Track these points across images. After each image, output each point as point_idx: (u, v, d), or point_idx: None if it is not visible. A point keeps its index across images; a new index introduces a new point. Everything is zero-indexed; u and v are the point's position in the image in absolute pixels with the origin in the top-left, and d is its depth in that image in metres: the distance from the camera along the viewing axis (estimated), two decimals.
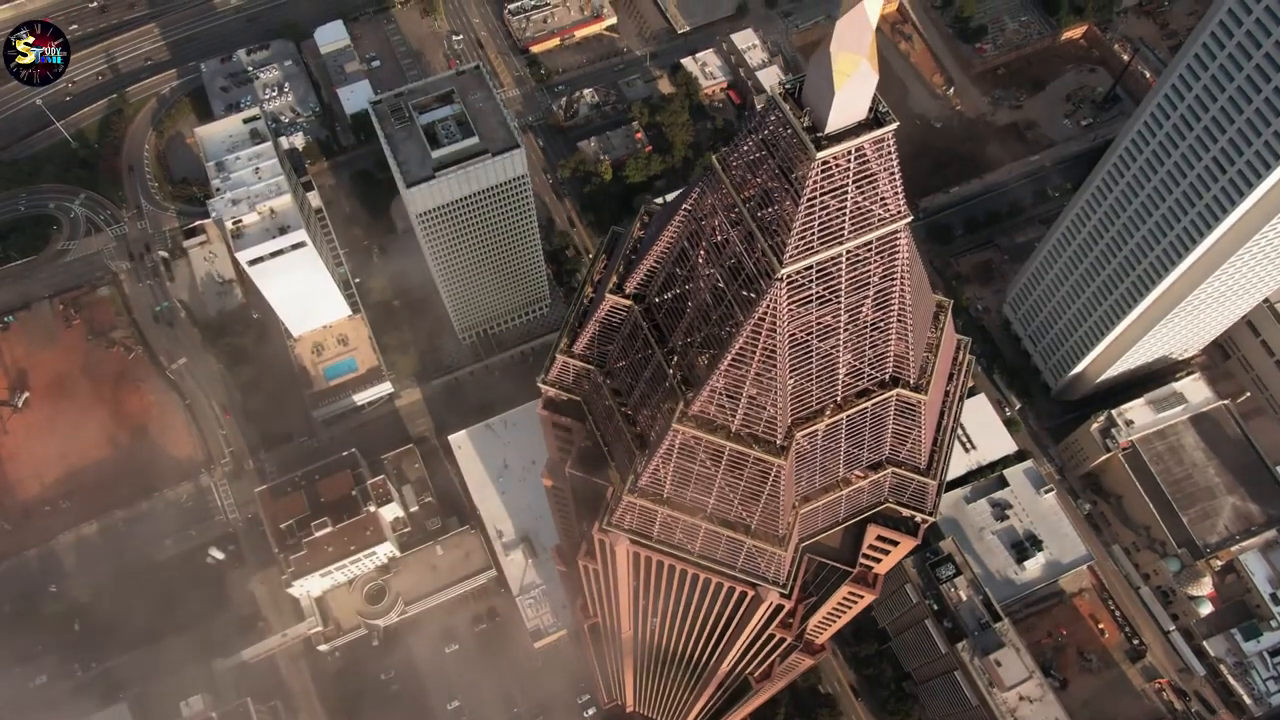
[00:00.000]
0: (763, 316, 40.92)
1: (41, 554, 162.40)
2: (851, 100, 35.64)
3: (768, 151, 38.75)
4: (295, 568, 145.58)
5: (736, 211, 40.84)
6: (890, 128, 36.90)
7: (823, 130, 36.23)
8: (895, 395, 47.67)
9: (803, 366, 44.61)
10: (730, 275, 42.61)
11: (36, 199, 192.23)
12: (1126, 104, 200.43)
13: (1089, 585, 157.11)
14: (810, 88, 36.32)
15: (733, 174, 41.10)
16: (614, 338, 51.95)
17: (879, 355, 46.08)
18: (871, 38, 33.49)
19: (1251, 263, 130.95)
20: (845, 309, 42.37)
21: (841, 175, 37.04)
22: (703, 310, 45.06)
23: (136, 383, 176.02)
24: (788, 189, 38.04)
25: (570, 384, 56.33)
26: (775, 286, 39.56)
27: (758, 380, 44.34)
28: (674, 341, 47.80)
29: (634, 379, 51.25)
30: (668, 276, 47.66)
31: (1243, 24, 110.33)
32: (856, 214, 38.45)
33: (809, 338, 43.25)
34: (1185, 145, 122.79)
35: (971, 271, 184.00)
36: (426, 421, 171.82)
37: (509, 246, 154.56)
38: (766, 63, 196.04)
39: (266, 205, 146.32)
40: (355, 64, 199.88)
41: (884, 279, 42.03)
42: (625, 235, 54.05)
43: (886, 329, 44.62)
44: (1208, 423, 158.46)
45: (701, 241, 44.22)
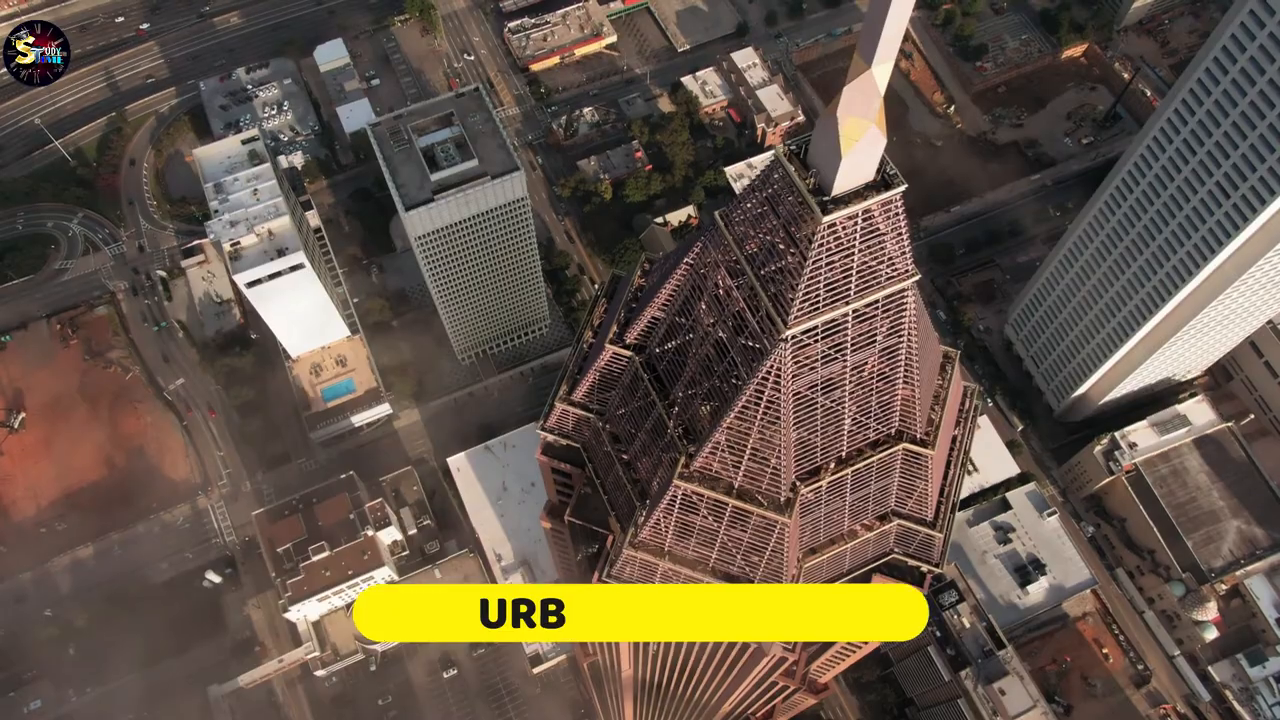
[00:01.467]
0: (766, 375, 40.00)
1: (37, 577, 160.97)
2: (859, 164, 34.76)
3: (771, 210, 37.88)
4: (292, 592, 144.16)
5: (739, 268, 39.95)
6: (898, 190, 36.00)
7: (829, 193, 35.35)
8: (901, 449, 46.74)
9: (807, 422, 43.68)
10: (733, 332, 41.69)
11: (34, 218, 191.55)
12: (1127, 122, 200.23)
13: (1093, 609, 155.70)
14: (816, 150, 35.42)
15: (736, 230, 40.23)
16: (614, 387, 50.97)
17: (885, 410, 45.14)
18: (879, 103, 32.57)
19: (1256, 286, 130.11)
20: (851, 365, 41.47)
21: (848, 237, 36.18)
22: (705, 364, 44.12)
23: (133, 403, 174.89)
24: (792, 248, 37.17)
25: (570, 430, 55.32)
26: (780, 347, 38.63)
27: (761, 436, 43.41)
28: (675, 394, 46.85)
29: (634, 428, 50.29)
30: (669, 328, 46.74)
31: (1246, 50, 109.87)
32: (863, 274, 37.58)
33: (814, 394, 42.32)
34: (1189, 169, 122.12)
35: (973, 291, 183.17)
36: (425, 443, 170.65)
37: (509, 268, 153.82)
38: (767, 81, 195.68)
39: (265, 227, 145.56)
40: (355, 82, 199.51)
41: (890, 336, 41.14)
42: (626, 280, 53.09)
43: (893, 384, 43.70)
44: (1212, 445, 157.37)
45: (704, 295, 43.30)
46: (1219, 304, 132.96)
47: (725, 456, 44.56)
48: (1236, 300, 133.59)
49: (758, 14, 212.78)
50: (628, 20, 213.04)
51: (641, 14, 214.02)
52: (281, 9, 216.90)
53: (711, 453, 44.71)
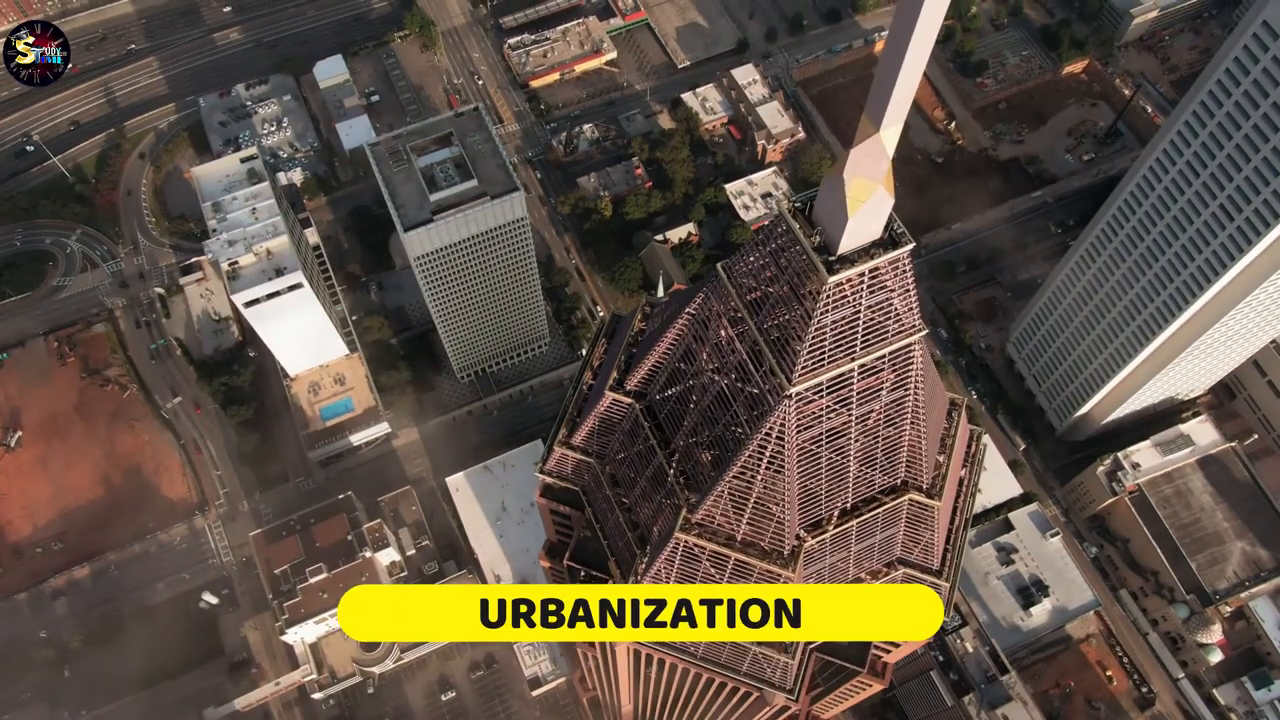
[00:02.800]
0: (770, 430, 39.14)
1: (32, 597, 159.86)
2: (866, 224, 33.98)
3: (775, 265, 37.10)
4: (290, 615, 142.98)
5: (742, 321, 39.15)
6: (906, 249, 35.22)
7: (834, 252, 34.57)
8: (907, 500, 45.88)
9: (812, 474, 42.82)
10: (737, 384, 40.89)
11: (32, 234, 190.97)
12: (1128, 139, 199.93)
13: (1096, 631, 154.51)
14: (822, 208, 34.66)
15: (739, 282, 39.44)
16: (614, 432, 50.10)
17: (891, 460, 44.29)
18: (888, 166, 31.80)
19: (1260, 308, 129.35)
20: (856, 419, 40.64)
21: (854, 295, 35.40)
22: (707, 414, 43.30)
23: (130, 422, 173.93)
24: (797, 305, 36.35)
25: (569, 474, 54.41)
26: (784, 403, 37.80)
27: (765, 489, 42.55)
28: (677, 442, 45.97)
29: (635, 474, 49.42)
30: (671, 375, 45.91)
31: (1250, 73, 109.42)
32: (869, 330, 36.78)
33: (818, 447, 41.45)
34: (1192, 191, 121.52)
35: (974, 309, 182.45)
36: (424, 462, 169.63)
37: (508, 287, 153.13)
38: (767, 98, 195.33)
39: (263, 246, 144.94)
40: (354, 99, 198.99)
41: (896, 389, 40.33)
42: (626, 321, 52.27)
43: (899, 435, 42.86)
44: (1215, 466, 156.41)
45: (706, 345, 42.47)
46: (1223, 325, 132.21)
47: (727, 508, 43.71)
48: (1240, 321, 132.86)
49: (758, 30, 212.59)
50: (628, 37, 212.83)
51: (641, 30, 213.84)
52: (282, 25, 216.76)
53: (714, 504, 43.86)
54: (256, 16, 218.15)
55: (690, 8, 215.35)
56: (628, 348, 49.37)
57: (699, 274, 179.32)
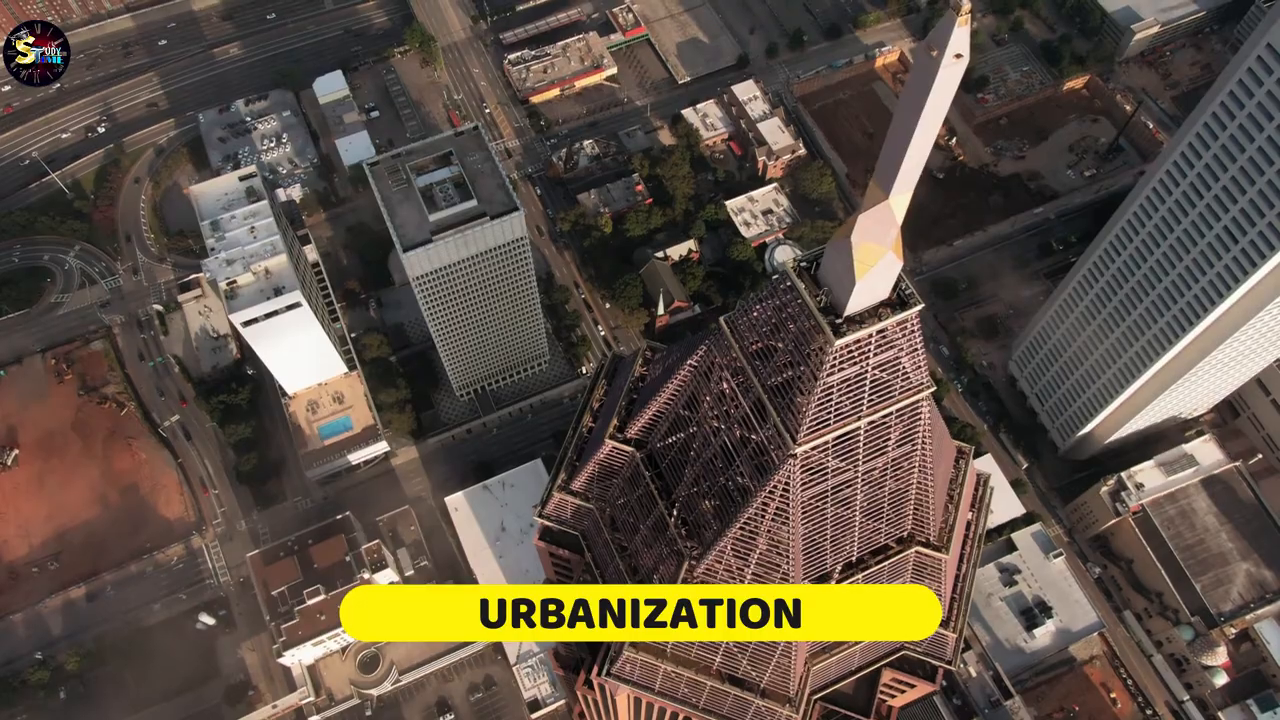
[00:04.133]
0: (775, 487, 38.22)
1: (28, 618, 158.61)
2: (874, 287, 33.13)
3: (780, 321, 36.24)
4: (287, 637, 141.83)
5: (746, 377, 38.28)
6: (915, 310, 34.34)
7: (841, 313, 33.71)
8: (914, 553, 44.94)
9: (816, 529, 41.88)
10: (740, 441, 39.97)
11: (31, 250, 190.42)
12: (1130, 154, 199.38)
13: (1100, 653, 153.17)
14: (829, 270, 33.82)
15: (742, 338, 38.56)
16: (614, 478, 49.16)
17: (897, 513, 43.37)
18: (897, 232, 30.98)
19: (1265, 329, 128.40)
20: (863, 474, 39.70)
21: (862, 356, 34.52)
22: (710, 467, 42.35)
23: (128, 440, 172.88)
24: (802, 362, 35.48)
25: (568, 519, 53.44)
26: (789, 462, 36.89)
27: (768, 544, 41.59)
28: (678, 492, 45.02)
29: (635, 521, 48.50)
30: (673, 424, 44.99)
31: (1254, 96, 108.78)
32: (877, 389, 35.95)
33: (823, 503, 40.51)
34: (1195, 213, 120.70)
35: (976, 326, 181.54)
36: (423, 481, 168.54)
37: (508, 306, 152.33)
38: (768, 114, 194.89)
39: (261, 265, 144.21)
40: (354, 114, 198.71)
41: (903, 444, 39.40)
42: (627, 363, 51.38)
43: (906, 489, 41.96)
44: (1219, 486, 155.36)
45: (708, 399, 41.58)
46: (1228, 346, 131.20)
47: (731, 562, 42.82)
48: (1245, 342, 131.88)
49: (758, 46, 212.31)
50: (628, 52, 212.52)
51: (642, 46, 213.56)
52: (281, 41, 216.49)
53: (716, 558, 42.96)
54: (257, 32, 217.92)
55: (691, 23, 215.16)
56: (628, 393, 48.44)
57: (699, 291, 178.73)
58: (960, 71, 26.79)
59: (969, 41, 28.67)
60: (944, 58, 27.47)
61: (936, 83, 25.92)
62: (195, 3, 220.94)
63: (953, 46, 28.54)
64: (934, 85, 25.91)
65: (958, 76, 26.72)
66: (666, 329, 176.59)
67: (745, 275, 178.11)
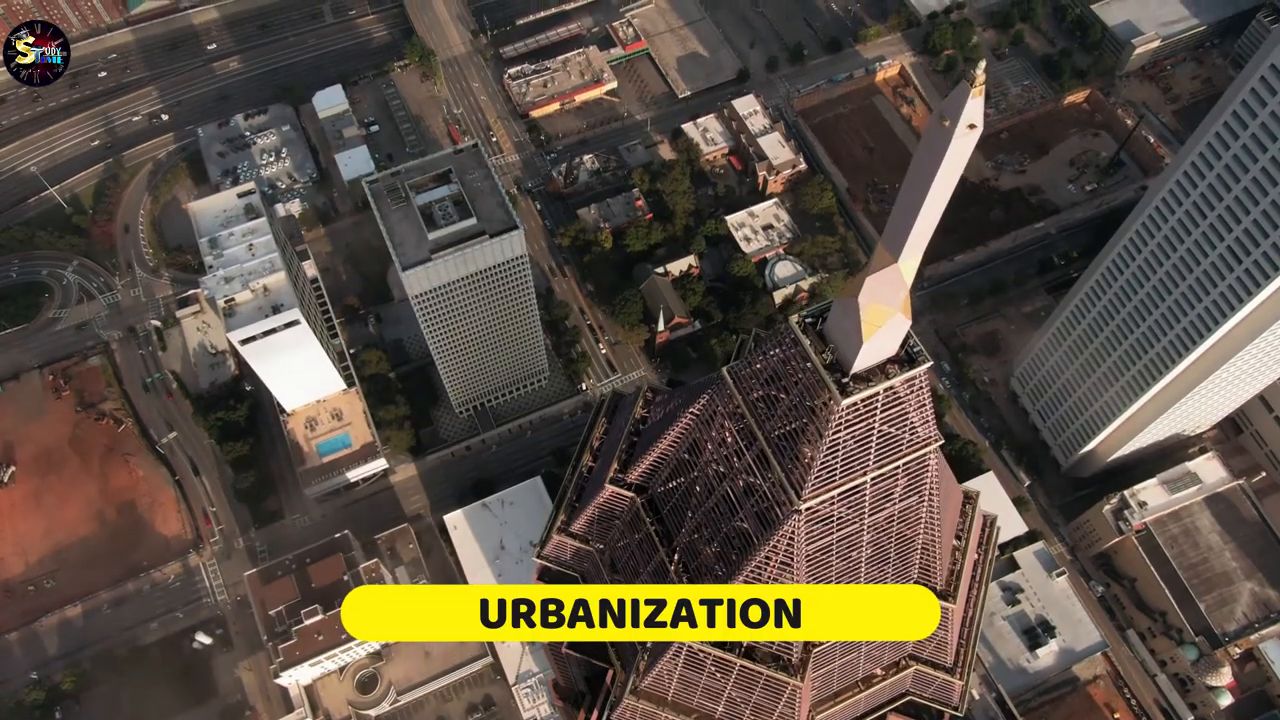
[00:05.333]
0: (778, 542, 37.42)
1: (23, 637, 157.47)
2: (881, 346, 32.40)
3: (784, 375, 35.49)
4: (284, 657, 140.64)
5: (749, 430, 37.52)
6: (923, 368, 33.60)
7: (847, 371, 32.96)
8: None
9: (822, 580, 41.05)
10: (744, 492, 39.20)
11: (29, 266, 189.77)
12: (1131, 169, 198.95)
13: (1104, 672, 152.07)
14: (835, 328, 33.10)
15: (745, 389, 37.81)
16: (614, 522, 48.35)
17: (904, 563, 42.56)
18: (906, 293, 30.25)
19: (1269, 348, 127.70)
20: (868, 526, 38.91)
21: (868, 413, 33.76)
22: (712, 516, 41.53)
23: (125, 456, 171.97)
24: (807, 419, 34.72)
25: (567, 560, 52.63)
26: (793, 518, 36.11)
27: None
28: (680, 539, 44.21)
29: (635, 566, 47.63)
30: (674, 469, 44.21)
31: (1258, 116, 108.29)
32: (883, 444, 35.20)
33: (829, 555, 39.72)
34: (1199, 233, 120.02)
35: (977, 342, 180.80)
36: (422, 498, 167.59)
37: (507, 324, 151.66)
38: (768, 128, 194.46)
39: (260, 283, 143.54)
40: (354, 129, 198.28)
41: (910, 496, 38.62)
42: (627, 404, 50.61)
43: (912, 539, 41.15)
44: (1223, 504, 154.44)
45: (709, 448, 40.80)
46: (1232, 364, 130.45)
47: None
48: (1249, 360, 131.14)
49: (759, 60, 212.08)
50: (628, 66, 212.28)
51: (642, 60, 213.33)
52: (281, 55, 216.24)
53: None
54: (257, 46, 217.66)
55: (691, 38, 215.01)
56: (629, 435, 47.67)
57: (700, 307, 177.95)
58: (973, 141, 26.09)
59: (983, 111, 27.95)
60: (957, 128, 26.80)
61: (949, 153, 25.28)
62: (195, 17, 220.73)
63: (966, 117, 27.90)
64: (946, 156, 25.28)
65: (970, 146, 26.03)
66: (667, 345, 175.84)
67: (746, 291, 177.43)
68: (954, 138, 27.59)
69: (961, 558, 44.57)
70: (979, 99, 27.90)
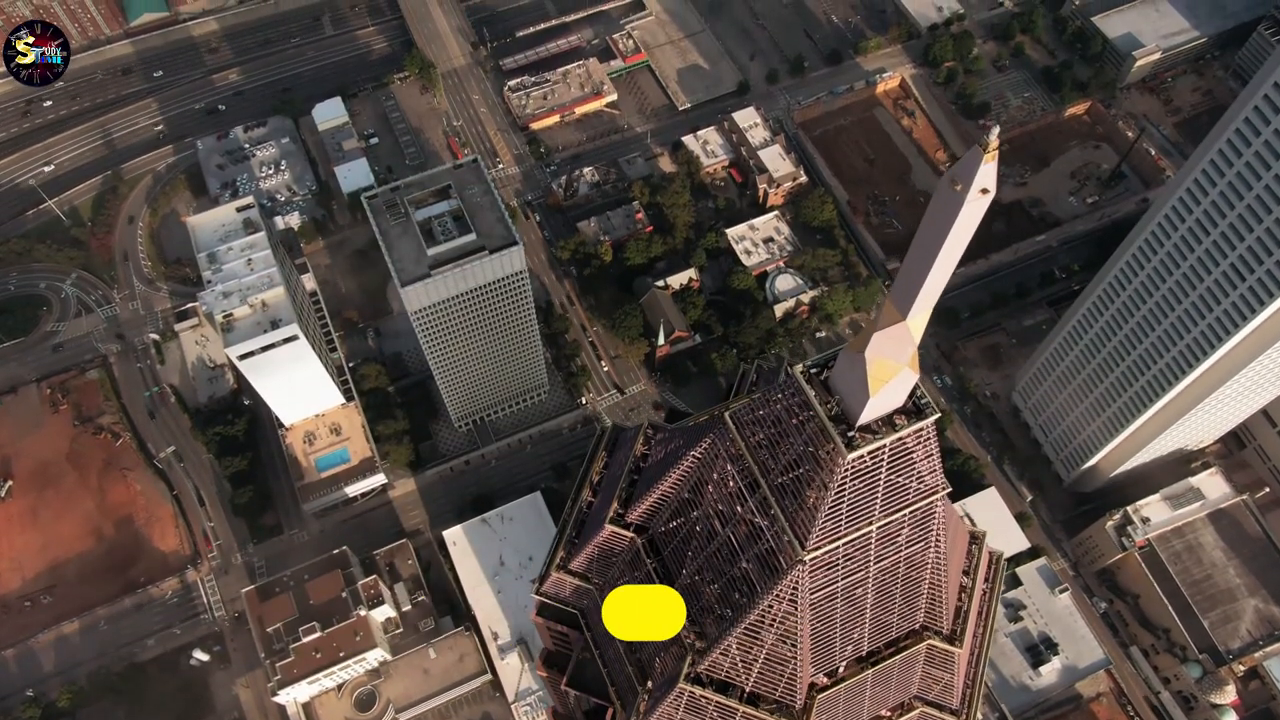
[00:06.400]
0: (782, 591, 36.65)
1: (20, 654, 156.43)
2: (888, 399, 31.68)
3: (788, 424, 34.75)
4: (282, 675, 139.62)
5: (752, 476, 36.76)
6: (931, 420, 32.89)
7: (853, 424, 32.23)
8: (926, 646, 43.33)
9: (826, 626, 40.28)
10: (746, 538, 38.41)
11: (27, 278, 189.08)
12: (1132, 181, 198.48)
13: (1107, 690, 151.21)
14: (840, 380, 32.39)
15: (748, 434, 37.07)
16: (614, 562, 47.55)
17: (910, 607, 41.78)
18: (914, 350, 29.55)
19: (1275, 364, 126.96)
20: (874, 574, 38.15)
21: (875, 464, 33.03)
22: (714, 562, 40.75)
23: (123, 471, 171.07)
24: (812, 467, 33.96)
25: (567, 597, 51.78)
26: (797, 568, 35.36)
27: (774, 642, 39.96)
28: (681, 581, 43.42)
29: None
30: (674, 512, 43.43)
31: (1261, 134, 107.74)
32: (890, 493, 34.42)
33: (833, 602, 38.94)
34: (1202, 250, 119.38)
35: (978, 356, 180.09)
36: (421, 514, 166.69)
37: (507, 339, 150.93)
38: (769, 141, 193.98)
39: (258, 298, 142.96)
40: (353, 141, 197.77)
41: (916, 542, 37.86)
42: (627, 439, 49.83)
43: (918, 583, 40.36)
44: (1226, 520, 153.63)
45: (711, 493, 40.04)
46: (1237, 380, 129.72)
47: (735, 661, 41.15)
48: (1253, 377, 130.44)
49: (759, 72, 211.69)
50: (628, 79, 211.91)
51: (642, 72, 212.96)
52: (280, 67, 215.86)
53: (721, 656, 41.30)
54: (256, 58, 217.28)
55: (691, 50, 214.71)
56: (630, 474, 46.88)
57: (700, 320, 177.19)
58: (985, 206, 25.43)
59: (995, 176, 27.17)
60: (969, 193, 26.12)
61: (960, 217, 24.62)
62: (194, 29, 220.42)
63: (978, 182, 27.25)
64: (957, 220, 24.62)
65: (982, 211, 25.37)
66: (667, 359, 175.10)
67: (746, 304, 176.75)
68: (966, 202, 26.90)
69: (969, 599, 43.86)
70: (992, 164, 27.18)
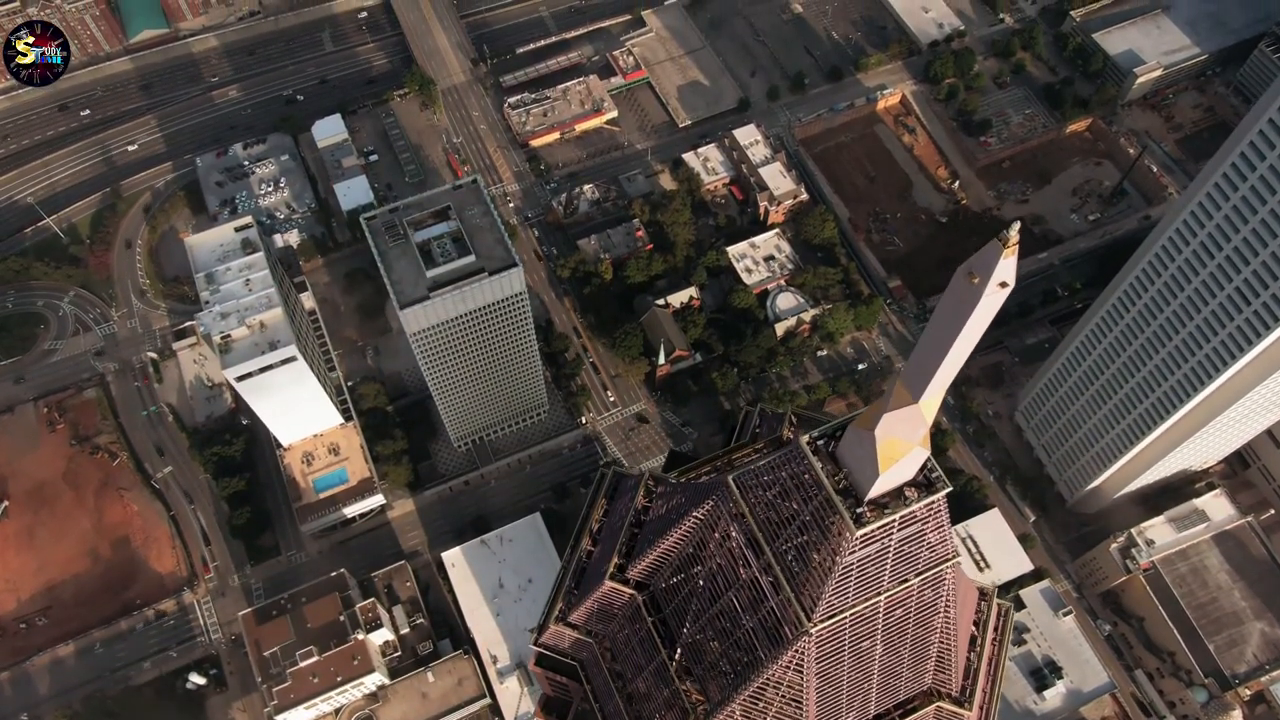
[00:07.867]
0: (787, 663, 35.61)
1: (15, 676, 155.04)
2: (898, 474, 30.70)
3: (794, 494, 33.77)
4: (279, 700, 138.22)
5: (756, 542, 35.75)
6: (942, 494, 31.89)
7: (861, 498, 31.26)
8: (935, 709, 42.29)
9: (832, 692, 39.21)
10: (750, 605, 37.40)
11: (25, 296, 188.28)
12: (1134, 198, 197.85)
13: (1111, 714, 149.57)
14: (848, 454, 31.45)
15: (751, 500, 36.08)
16: (613, 616, 46.48)
17: (918, 670, 40.73)
18: (925, 431, 28.59)
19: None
20: (882, 640, 37.12)
21: (884, 536, 32.05)
22: (716, 623, 39.71)
23: (120, 491, 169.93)
24: (819, 538, 32.98)
25: (566, 649, 50.71)
26: (803, 640, 34.35)
27: (779, 709, 38.90)
28: (683, 641, 42.37)
29: (636, 665, 45.67)
30: (676, 568, 42.41)
31: (1266, 159, 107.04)
32: (899, 563, 33.41)
33: (840, 668, 37.89)
34: (1207, 272, 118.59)
35: (981, 375, 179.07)
36: (419, 534, 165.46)
37: (506, 360, 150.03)
38: (769, 158, 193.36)
39: (256, 319, 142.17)
40: (352, 158, 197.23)
41: (926, 609, 36.85)
42: (628, 487, 48.81)
43: (927, 649, 39.32)
44: (1231, 542, 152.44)
45: (713, 551, 39.03)
46: (1244, 403, 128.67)
47: None
48: (1259, 400, 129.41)
49: (759, 89, 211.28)
50: (629, 96, 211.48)
51: (642, 89, 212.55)
52: (280, 84, 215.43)
53: (725, 719, 40.21)
54: (256, 74, 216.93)
55: (691, 66, 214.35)
56: (630, 527, 45.86)
57: (701, 339, 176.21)
58: (1003, 299, 24.57)
59: (1014, 270, 26.11)
60: (987, 286, 25.20)
61: (977, 310, 23.77)
62: (194, 45, 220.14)
63: (997, 276, 26.36)
64: (974, 313, 23.76)
65: (999, 304, 24.55)
66: (668, 378, 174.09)
67: (747, 323, 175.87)
68: (983, 295, 26.02)
69: (978, 658, 42.86)
70: (1011, 259, 26.32)
